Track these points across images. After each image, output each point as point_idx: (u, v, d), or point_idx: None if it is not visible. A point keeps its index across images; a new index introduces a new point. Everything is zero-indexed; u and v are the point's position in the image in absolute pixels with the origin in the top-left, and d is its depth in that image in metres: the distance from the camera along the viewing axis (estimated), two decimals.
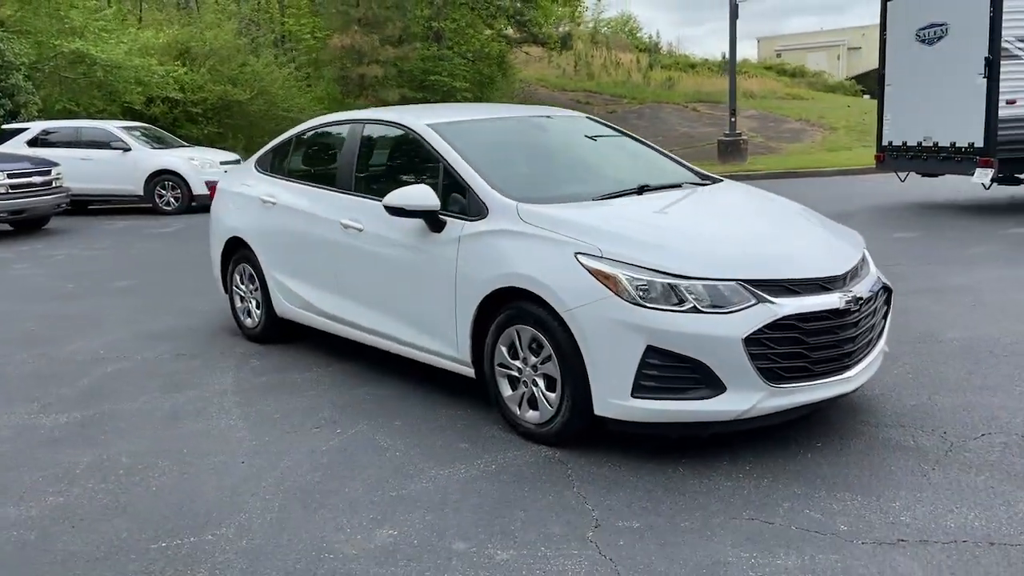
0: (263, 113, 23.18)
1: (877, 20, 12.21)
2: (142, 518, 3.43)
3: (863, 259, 4.20)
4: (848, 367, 3.76)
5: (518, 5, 29.44)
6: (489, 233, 4.13)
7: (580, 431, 3.84)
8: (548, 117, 5.59)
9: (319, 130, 5.83)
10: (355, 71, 25.17)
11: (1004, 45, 9.80)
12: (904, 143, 11.58)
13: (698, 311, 3.50)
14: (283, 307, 5.73)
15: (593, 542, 3.08)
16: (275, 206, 5.68)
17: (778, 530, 3.10)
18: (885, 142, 12.00)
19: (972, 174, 10.24)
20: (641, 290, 3.55)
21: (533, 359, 3.94)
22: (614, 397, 3.60)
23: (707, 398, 3.52)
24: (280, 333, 5.97)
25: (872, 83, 45.98)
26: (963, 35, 10.41)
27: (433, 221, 4.38)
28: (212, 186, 6.26)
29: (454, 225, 4.32)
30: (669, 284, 3.54)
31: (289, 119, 20.74)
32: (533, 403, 4.00)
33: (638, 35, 52.04)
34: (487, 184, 4.30)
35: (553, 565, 2.94)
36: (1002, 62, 9.80)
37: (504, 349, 4.08)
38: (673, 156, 5.47)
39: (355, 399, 4.78)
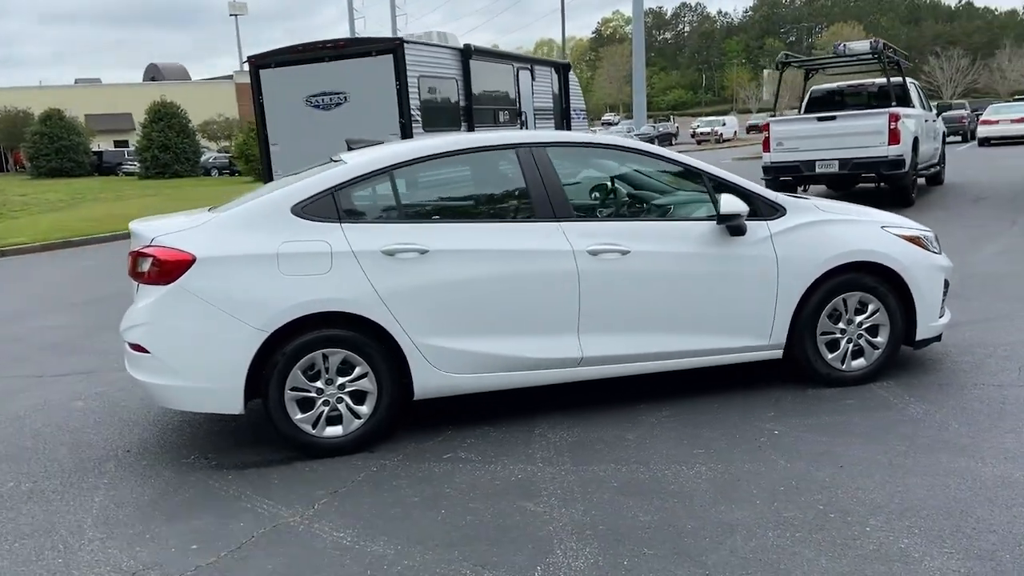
0: None
1: None
2: None
3: None
4: None
5: None
6: (804, 225, 4.91)
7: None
8: None
9: (439, 160, 4.69)
10: None
11: (411, 112, 12.24)
12: None
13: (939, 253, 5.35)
14: (440, 381, 4.49)
15: None
16: (424, 255, 4.39)
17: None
18: None
19: None
20: (931, 245, 5.19)
21: (859, 318, 5.01)
22: (931, 322, 5.14)
23: (945, 314, 5.39)
24: (389, 428, 4.55)
25: None
26: (362, 102, 12.37)
27: (740, 226, 4.78)
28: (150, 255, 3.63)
29: (757, 226, 4.84)
30: (932, 238, 5.27)
31: None
32: (856, 355, 5.05)
33: None
34: (767, 190, 4.99)
35: None
36: (413, 125, 12.24)
37: (826, 318, 4.97)
38: None
39: (680, 433, 4.63)
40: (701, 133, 56.71)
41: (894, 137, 13.49)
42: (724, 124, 57.97)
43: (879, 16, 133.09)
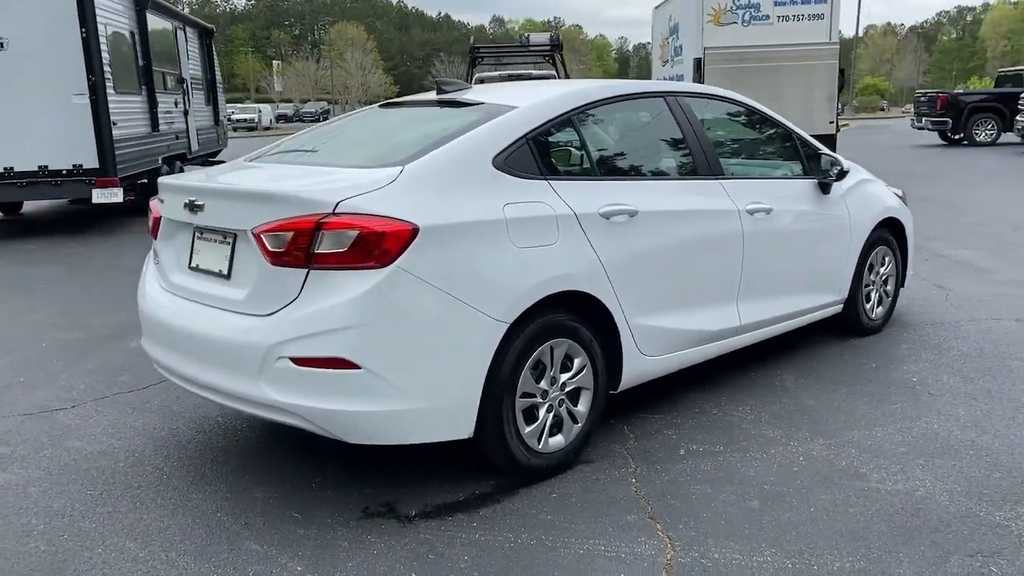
0: None
1: None
2: None
3: None
4: None
5: None
6: (859, 184, 5.09)
7: None
8: None
9: (607, 107, 3.89)
10: None
11: (104, 69, 9.71)
12: None
13: None
14: (643, 367, 3.78)
15: None
16: (634, 218, 3.60)
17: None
18: None
19: (90, 196, 9.83)
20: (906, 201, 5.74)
21: (882, 270, 5.36)
22: (910, 271, 5.70)
23: None
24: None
25: None
26: (29, 52, 9.49)
27: (831, 184, 4.79)
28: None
29: (835, 185, 4.88)
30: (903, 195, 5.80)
31: None
32: (878, 303, 5.38)
33: None
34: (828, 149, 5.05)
35: None
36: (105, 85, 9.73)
37: (867, 271, 5.23)
38: None
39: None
40: (238, 120, 55.65)
41: None
42: (260, 112, 59.68)
43: (375, 19, 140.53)
